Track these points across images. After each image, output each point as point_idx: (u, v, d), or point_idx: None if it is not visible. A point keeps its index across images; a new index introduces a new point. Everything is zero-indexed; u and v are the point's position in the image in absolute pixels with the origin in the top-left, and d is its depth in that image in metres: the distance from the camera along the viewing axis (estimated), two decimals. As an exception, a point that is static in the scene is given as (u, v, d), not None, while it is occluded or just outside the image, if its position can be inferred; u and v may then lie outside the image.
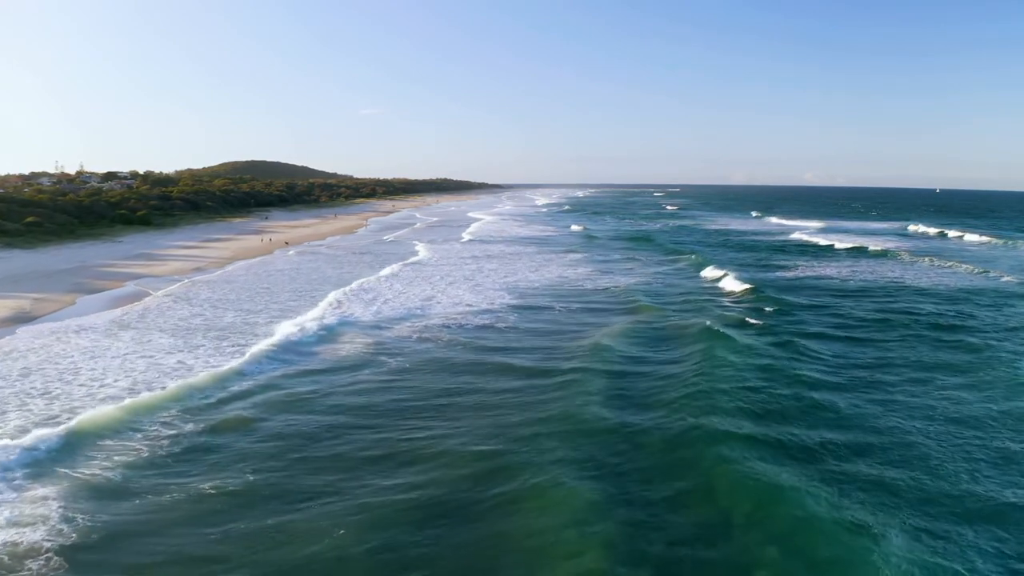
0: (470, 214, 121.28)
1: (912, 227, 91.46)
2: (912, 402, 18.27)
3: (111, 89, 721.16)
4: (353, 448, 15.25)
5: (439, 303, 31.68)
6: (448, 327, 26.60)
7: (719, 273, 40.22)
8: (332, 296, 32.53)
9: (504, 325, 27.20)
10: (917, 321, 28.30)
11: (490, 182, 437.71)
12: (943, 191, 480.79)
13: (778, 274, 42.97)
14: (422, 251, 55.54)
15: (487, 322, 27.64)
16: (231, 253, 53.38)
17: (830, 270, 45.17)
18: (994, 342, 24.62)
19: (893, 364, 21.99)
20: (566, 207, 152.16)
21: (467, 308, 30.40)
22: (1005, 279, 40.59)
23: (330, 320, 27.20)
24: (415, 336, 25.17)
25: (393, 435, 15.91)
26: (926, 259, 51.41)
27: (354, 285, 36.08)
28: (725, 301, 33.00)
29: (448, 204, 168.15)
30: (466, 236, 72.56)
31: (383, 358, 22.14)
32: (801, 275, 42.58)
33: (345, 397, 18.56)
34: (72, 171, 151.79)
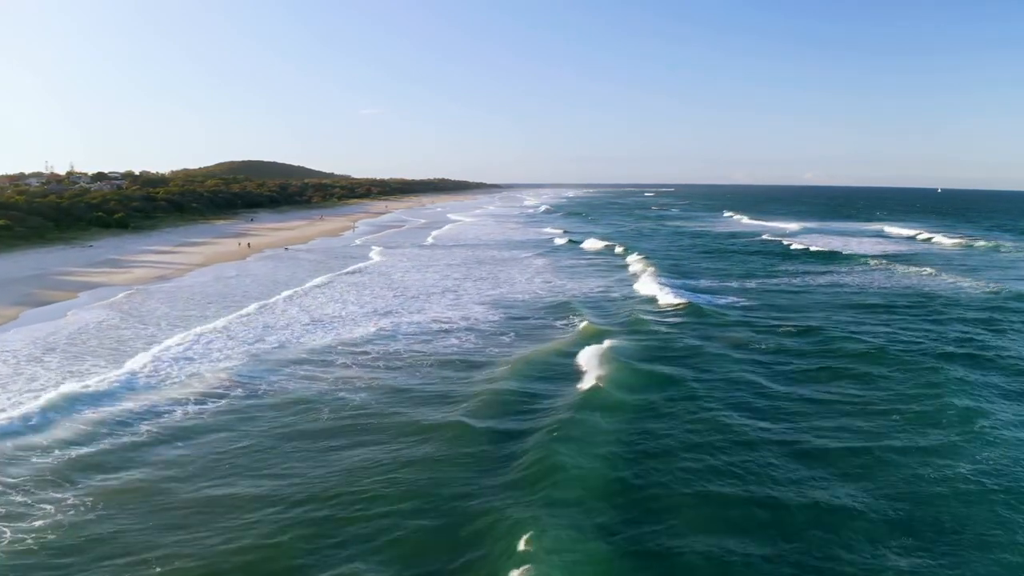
0: (450, 215, 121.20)
1: (888, 228, 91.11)
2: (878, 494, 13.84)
3: (111, 89, 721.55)
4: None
5: (343, 324, 28.99)
6: (325, 360, 23.41)
7: (664, 283, 38.65)
8: (248, 309, 31.43)
9: (397, 360, 23.67)
10: (874, 350, 24.78)
11: (488, 182, 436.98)
12: (944, 191, 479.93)
13: (727, 283, 41.32)
14: (375, 256, 54.87)
15: (377, 351, 24.56)
16: (202, 259, 52.47)
17: (788, 279, 43.30)
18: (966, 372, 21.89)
19: (839, 413, 18.52)
20: (552, 208, 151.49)
21: (368, 332, 27.56)
22: (967, 285, 38.93)
23: (196, 351, 24.06)
24: (275, 374, 21.79)
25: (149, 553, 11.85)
26: (895, 266, 49.69)
27: (276, 298, 34.59)
28: (660, 319, 30.29)
29: (439, 205, 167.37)
30: (430, 240, 72.06)
31: (210, 415, 18.39)
32: (753, 286, 40.60)
33: (113, 475, 14.80)
34: (63, 171, 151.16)
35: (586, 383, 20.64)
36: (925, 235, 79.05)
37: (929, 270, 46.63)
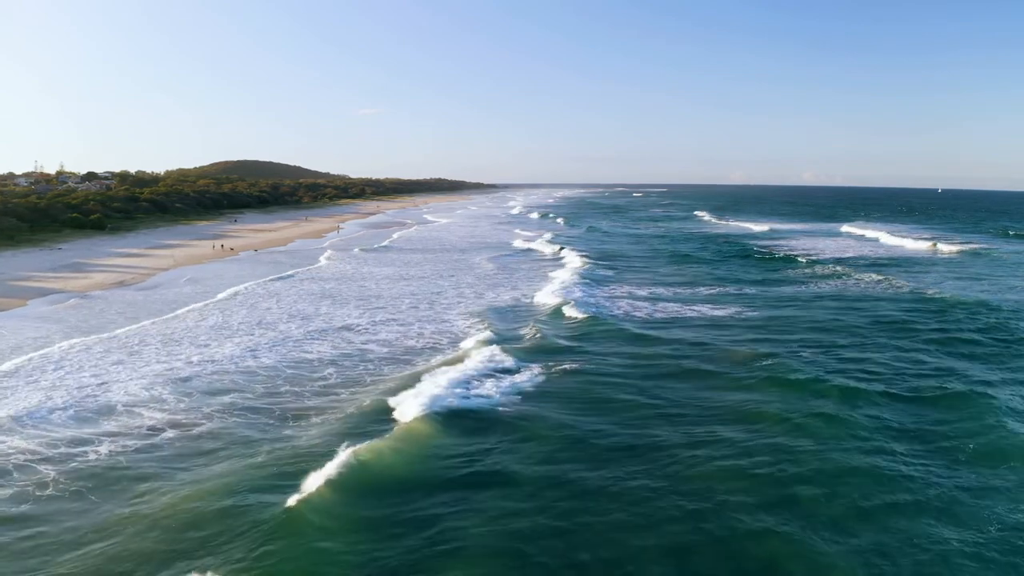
0: (427, 216, 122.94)
1: (860, 231, 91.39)
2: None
3: (110, 89, 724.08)
4: None
5: (204, 346, 26.82)
6: (139, 405, 19.95)
7: (589, 294, 38.05)
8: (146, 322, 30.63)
9: (220, 396, 20.68)
10: (802, 379, 21.71)
11: (486, 182, 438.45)
12: (945, 191, 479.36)
13: (660, 290, 40.39)
14: (322, 260, 55.10)
15: (212, 385, 21.83)
16: (172, 262, 52.66)
17: (732, 287, 41.88)
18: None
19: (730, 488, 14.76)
20: (533, 208, 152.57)
21: (223, 354, 25.55)
22: (918, 291, 37.57)
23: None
24: (49, 418, 18.76)
25: None
26: (856, 273, 48.15)
27: (181, 311, 33.58)
28: (561, 336, 28.30)
29: (429, 205, 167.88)
30: (386, 242, 72.34)
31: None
32: (687, 294, 39.20)
33: None
34: (53, 171, 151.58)
35: (400, 432, 17.47)
36: (895, 238, 78.79)
37: (882, 277, 45.92)
